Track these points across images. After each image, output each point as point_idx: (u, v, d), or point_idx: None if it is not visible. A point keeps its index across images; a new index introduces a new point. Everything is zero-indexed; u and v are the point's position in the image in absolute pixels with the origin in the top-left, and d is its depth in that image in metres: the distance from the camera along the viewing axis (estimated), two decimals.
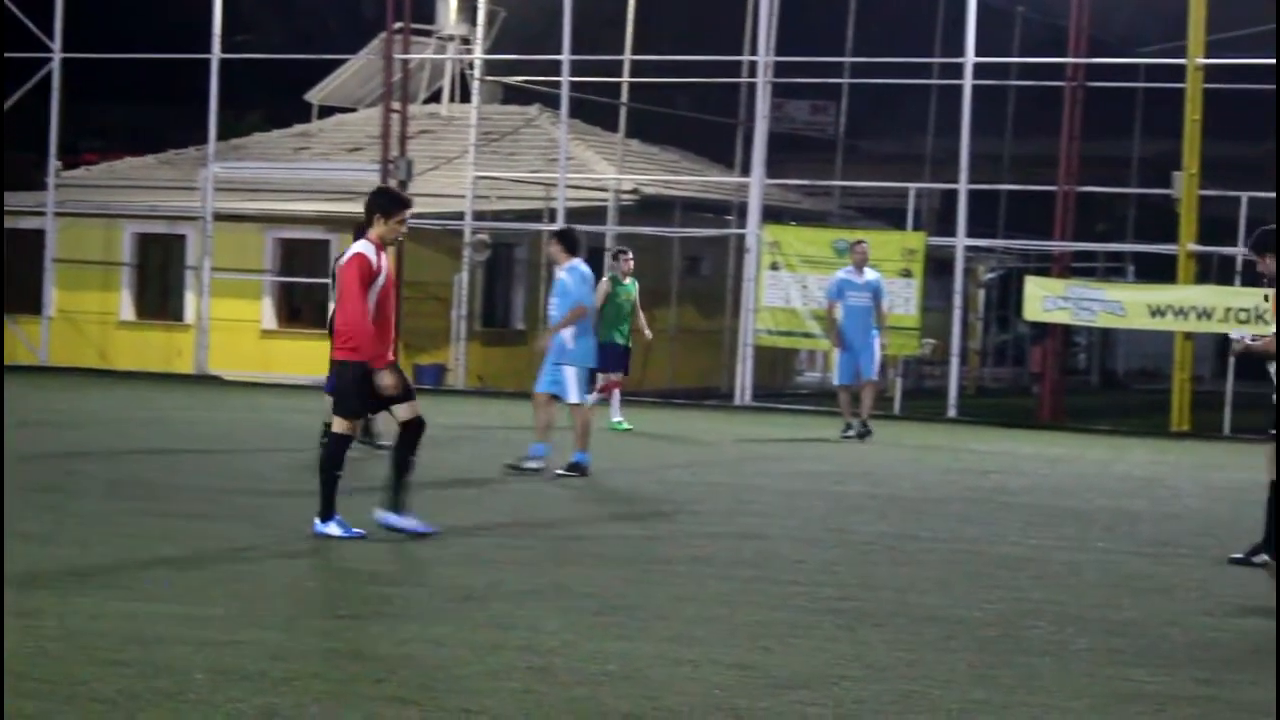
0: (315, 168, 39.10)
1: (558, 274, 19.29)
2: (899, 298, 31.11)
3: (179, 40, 38.80)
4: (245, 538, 13.66)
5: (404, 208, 13.95)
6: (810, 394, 37.94)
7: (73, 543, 13.05)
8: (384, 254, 13.78)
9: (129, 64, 39.64)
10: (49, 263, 37.69)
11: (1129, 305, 31.28)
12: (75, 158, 43.93)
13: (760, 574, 12.81)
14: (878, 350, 26.05)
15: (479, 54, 39.50)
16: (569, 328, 18.99)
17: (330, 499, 13.72)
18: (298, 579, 11.96)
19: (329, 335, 20.70)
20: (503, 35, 40.17)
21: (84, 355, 37.49)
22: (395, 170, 35.37)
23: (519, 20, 40.46)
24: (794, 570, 13.02)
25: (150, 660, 9.04)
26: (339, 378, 13.93)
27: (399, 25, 36.72)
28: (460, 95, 41.12)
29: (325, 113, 43.25)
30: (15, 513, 13.66)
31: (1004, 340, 51.22)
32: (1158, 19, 36.47)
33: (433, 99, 42.28)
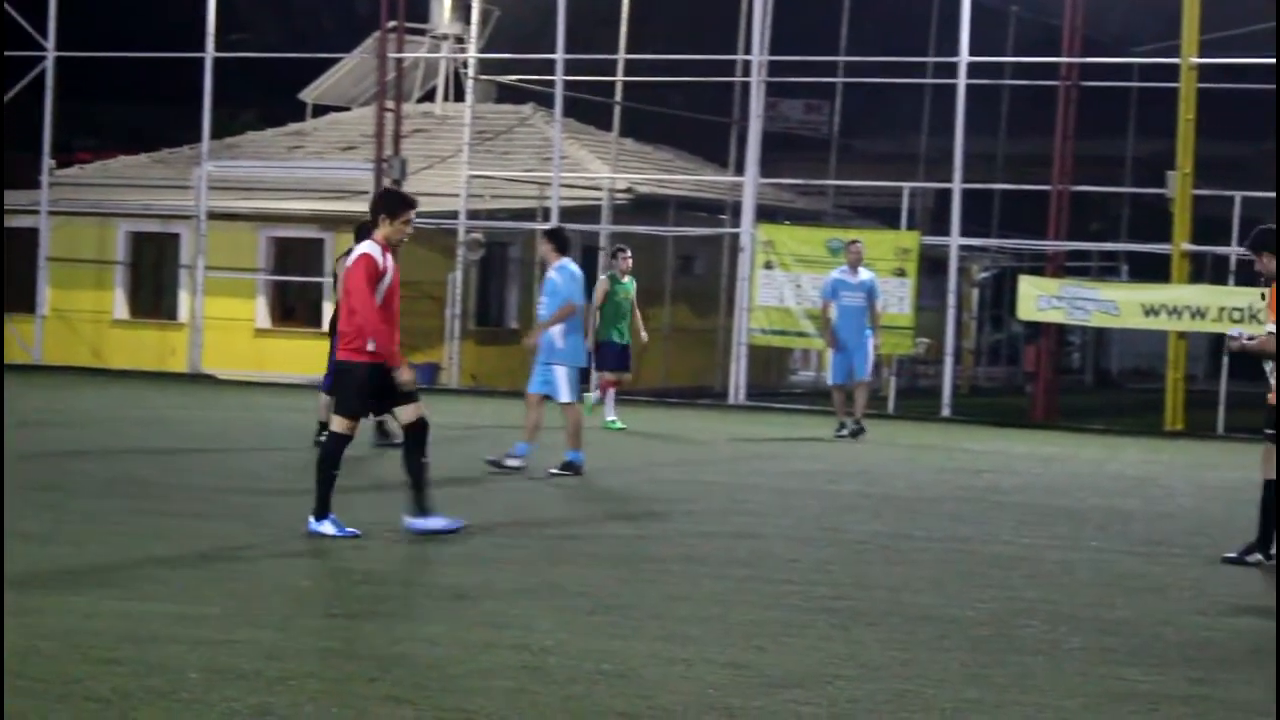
0: (309, 166, 39.12)
1: (548, 273, 19.36)
2: (893, 297, 31.11)
3: (173, 39, 38.79)
4: (240, 537, 13.66)
5: (409, 208, 13.99)
6: (804, 393, 37.93)
7: (67, 541, 13.05)
8: (390, 255, 13.81)
9: (123, 63, 39.61)
10: (43, 261, 37.68)
11: (1123, 305, 31.29)
12: (69, 156, 43.86)
13: (754, 573, 12.82)
14: (871, 350, 26.06)
15: (473, 53, 39.50)
16: (558, 326, 19.04)
17: (326, 498, 13.73)
18: (292, 578, 11.96)
19: (330, 335, 20.80)
20: (497, 34, 40.18)
21: (78, 354, 37.46)
22: (389, 169, 35.36)
23: (513, 19, 40.47)
24: (788, 569, 13.03)
25: (144, 659, 9.04)
26: (343, 378, 13.93)
27: (393, 24, 36.70)
28: (454, 94, 41.13)
29: (319, 111, 43.24)
30: (10, 511, 13.65)
31: (998, 339, 51.23)
32: (1152, 18, 36.46)
33: (427, 98, 42.28)
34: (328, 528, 13.64)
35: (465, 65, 39.73)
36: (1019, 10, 40.16)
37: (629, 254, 26.36)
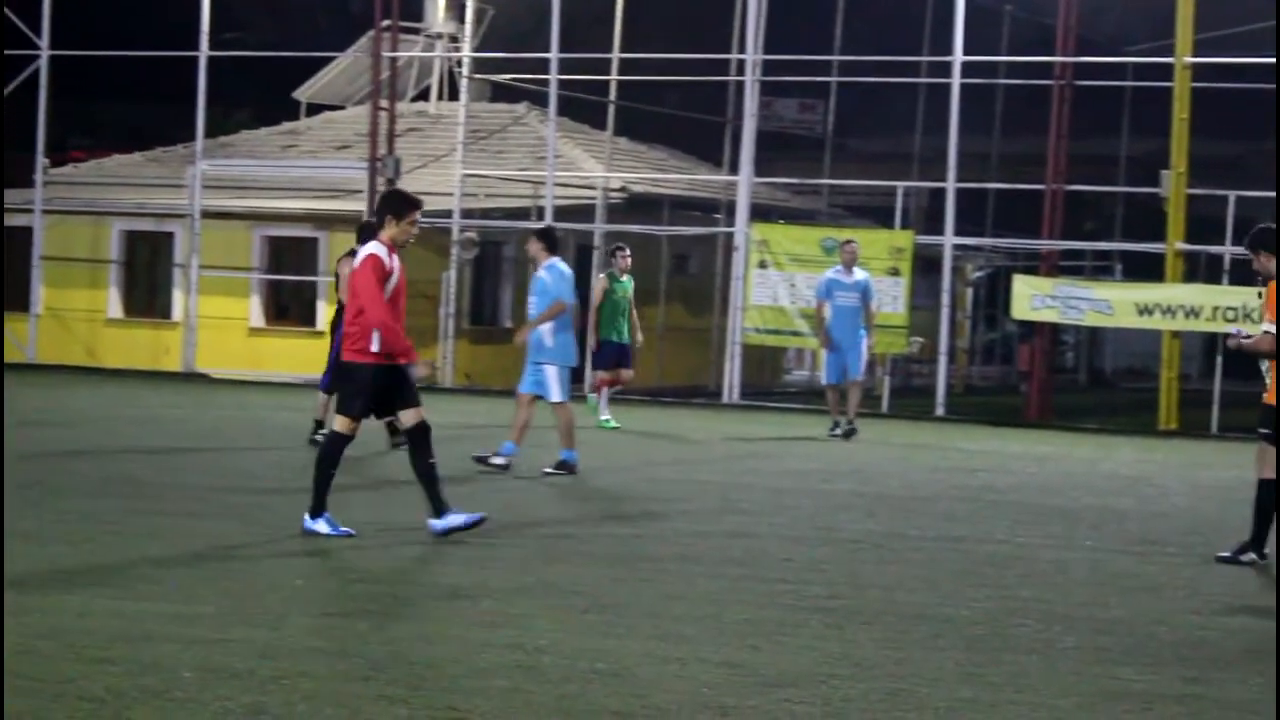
0: (303, 165, 39.10)
1: (538, 272, 19.36)
2: (887, 296, 31.13)
3: (167, 38, 38.75)
4: (234, 536, 13.65)
5: (415, 209, 13.99)
6: (798, 392, 37.96)
7: (61, 540, 13.04)
8: (396, 255, 13.81)
9: (117, 61, 39.57)
10: (37, 260, 37.66)
11: (1117, 304, 31.32)
12: (63, 155, 43.88)
13: (748, 572, 12.82)
14: (865, 350, 26.05)
15: (467, 52, 39.51)
16: (547, 325, 19.04)
17: (322, 497, 13.73)
18: (286, 577, 11.95)
19: (331, 335, 20.80)
20: (491, 33, 40.18)
21: (72, 353, 37.44)
22: (383, 168, 35.34)
23: (507, 18, 40.46)
24: (782, 568, 13.02)
25: (138, 658, 9.04)
26: (348, 378, 13.91)
27: (387, 23, 36.69)
28: (448, 93, 41.10)
29: (313, 110, 43.21)
30: (6, 511, 13.62)
31: (992, 339, 51.28)
32: (1146, 18, 36.48)
33: (421, 97, 42.26)
34: (322, 526, 13.64)
35: (459, 64, 39.72)
36: (1013, 9, 40.19)
37: (628, 253, 26.38)
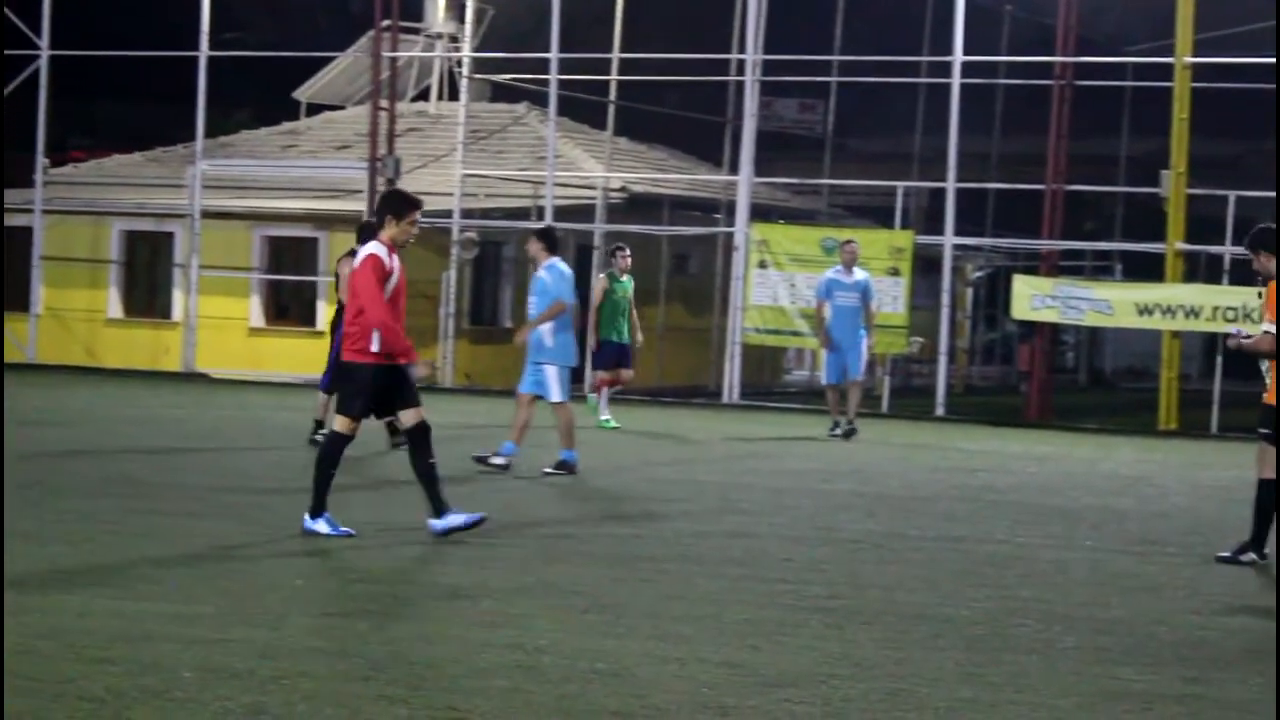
0: (303, 165, 39.10)
1: (537, 271, 19.35)
2: (887, 296, 31.13)
3: (167, 38, 38.75)
4: (233, 536, 13.65)
5: (415, 209, 13.99)
6: (798, 392, 37.96)
7: (61, 540, 13.03)
8: (396, 255, 13.81)
9: (117, 61, 39.57)
10: (36, 260, 37.66)
11: (1117, 304, 31.31)
12: (63, 155, 43.87)
13: (748, 572, 12.82)
14: (865, 350, 26.03)
15: (467, 52, 39.50)
16: (546, 325, 19.04)
17: (322, 496, 13.73)
18: (286, 577, 11.94)
19: (332, 335, 20.79)
20: (491, 33, 40.17)
21: (72, 353, 37.44)
22: (383, 168, 35.34)
23: (507, 18, 40.46)
24: (782, 568, 13.02)
25: (138, 658, 9.03)
26: (348, 378, 13.90)
27: (387, 23, 36.68)
28: (448, 93, 41.10)
29: (313, 110, 43.21)
30: (5, 511, 13.63)
31: (992, 339, 51.28)
32: (1146, 18, 36.49)
33: (421, 97, 42.26)
34: (322, 526, 13.64)
35: (459, 64, 39.71)
36: (1013, 9, 40.19)
37: (628, 253, 26.38)
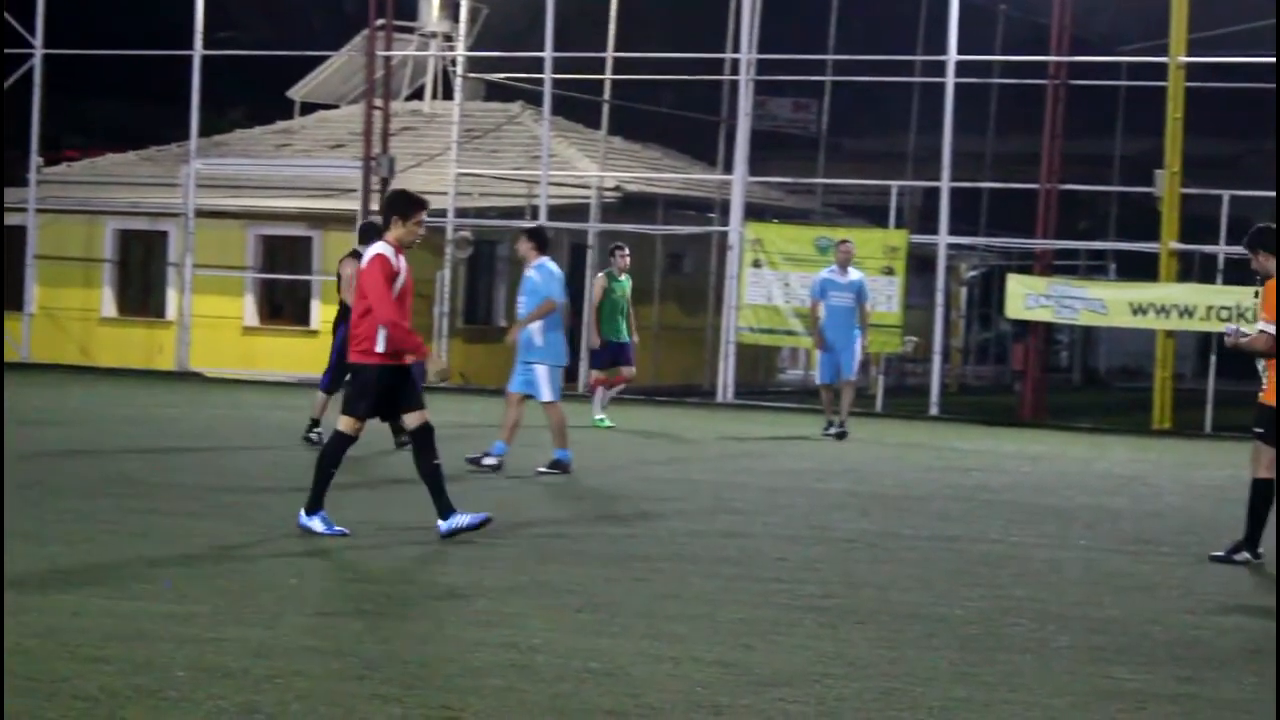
0: (297, 164, 39.09)
1: (527, 271, 19.35)
2: (881, 295, 31.14)
3: (161, 37, 38.74)
4: (228, 535, 13.64)
5: (421, 209, 13.97)
6: (792, 391, 37.97)
7: (55, 539, 13.02)
8: (402, 256, 13.80)
9: (111, 60, 39.55)
10: (30, 259, 37.65)
11: (1111, 303, 31.33)
12: (57, 154, 43.82)
13: (742, 571, 12.82)
14: (859, 350, 26.02)
15: (461, 51, 39.48)
16: (536, 324, 19.04)
17: (320, 494, 13.72)
18: (280, 576, 11.94)
19: (333, 335, 20.78)
20: (485, 32, 40.16)
21: (65, 352, 37.42)
22: (377, 167, 35.35)
23: (501, 17, 40.45)
24: (776, 568, 13.02)
25: (132, 657, 9.03)
26: (354, 379, 13.90)
27: (381, 22, 36.68)
28: (443, 92, 41.10)
29: (307, 109, 43.21)
30: (6, 511, 13.65)
31: (986, 338, 51.28)
32: (1139, 17, 36.53)
33: (415, 96, 42.25)
34: (317, 524, 13.63)
35: (454, 63, 39.70)
36: (1007, 9, 40.20)
37: (627, 252, 26.37)
